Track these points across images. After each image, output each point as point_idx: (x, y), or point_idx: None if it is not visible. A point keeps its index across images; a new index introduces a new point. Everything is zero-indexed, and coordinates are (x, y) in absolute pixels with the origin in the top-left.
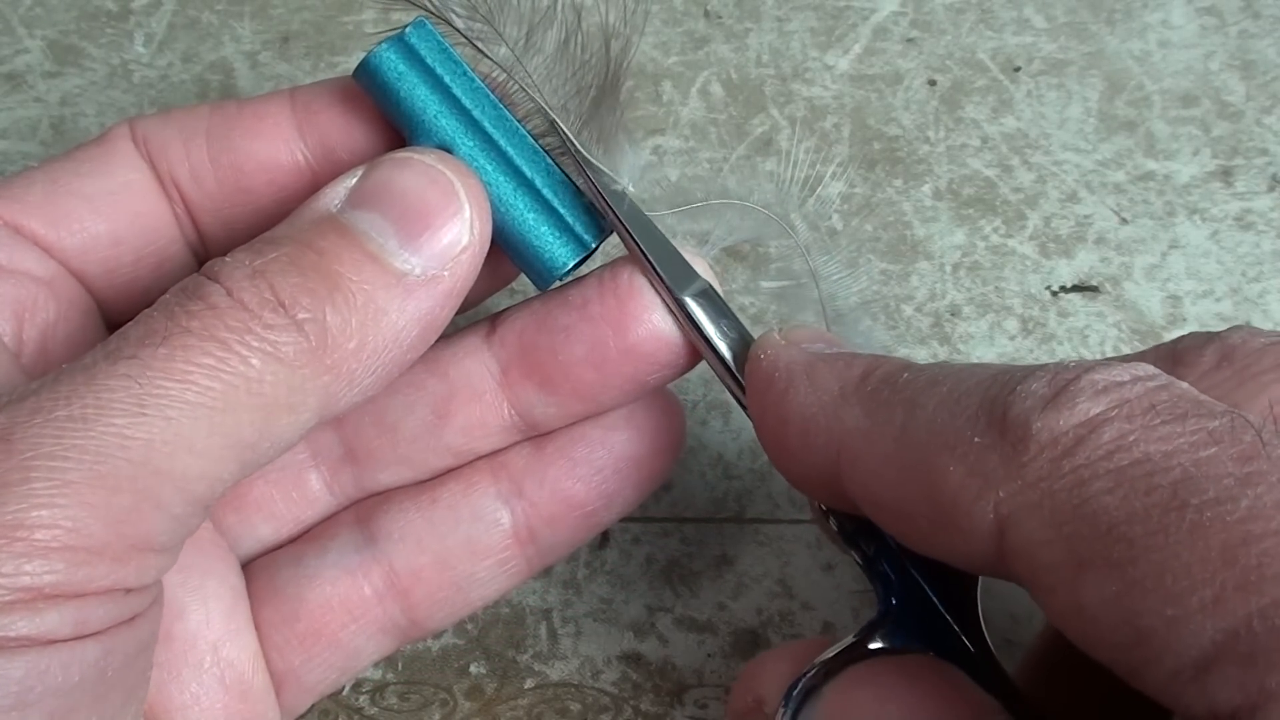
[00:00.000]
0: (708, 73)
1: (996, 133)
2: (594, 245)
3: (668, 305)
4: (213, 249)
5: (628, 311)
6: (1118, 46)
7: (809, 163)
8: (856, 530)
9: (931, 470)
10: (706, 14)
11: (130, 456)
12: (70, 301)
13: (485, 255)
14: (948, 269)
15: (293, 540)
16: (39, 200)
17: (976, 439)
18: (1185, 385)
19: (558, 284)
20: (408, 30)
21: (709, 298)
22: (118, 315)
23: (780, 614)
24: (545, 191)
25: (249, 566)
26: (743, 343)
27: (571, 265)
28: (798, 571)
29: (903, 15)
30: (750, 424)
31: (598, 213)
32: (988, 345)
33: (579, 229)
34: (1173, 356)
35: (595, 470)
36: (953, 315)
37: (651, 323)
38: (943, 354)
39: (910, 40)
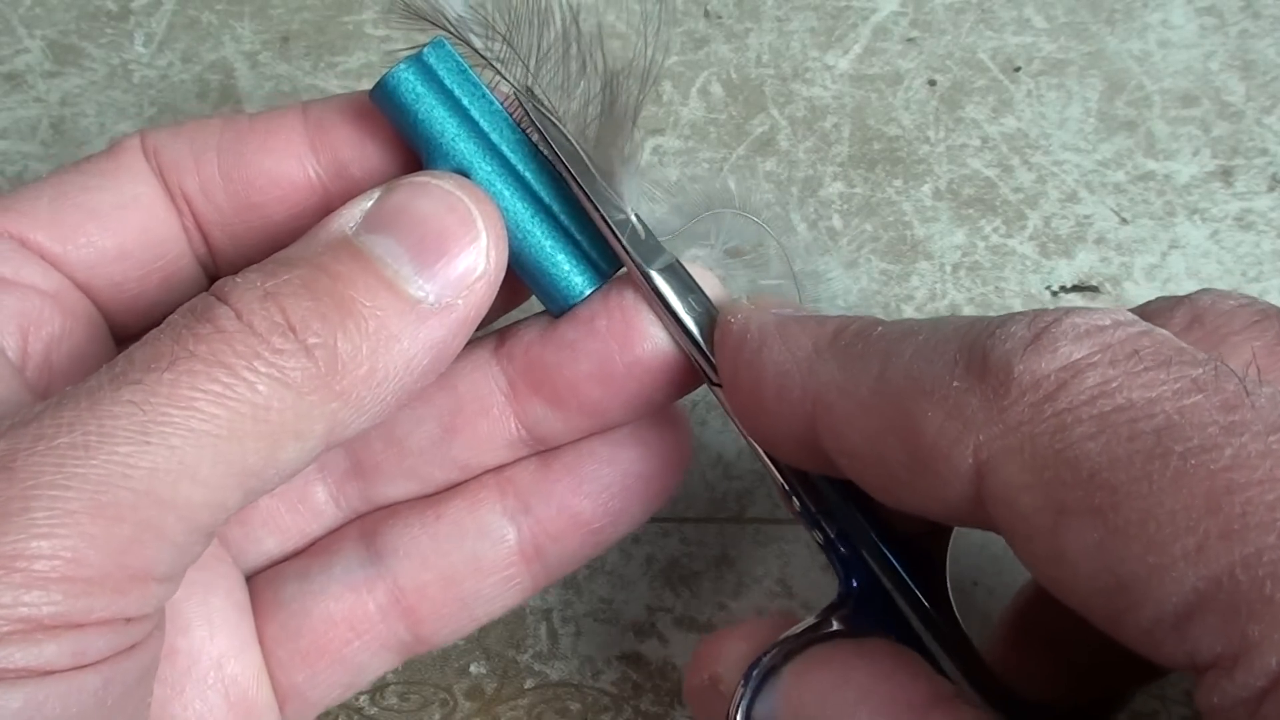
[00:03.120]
0: (708, 73)
1: (996, 133)
2: (611, 273)
3: (634, 280)
4: (222, 264)
5: (633, 328)
6: (1118, 46)
7: (809, 163)
8: (821, 509)
9: (909, 416)
10: (706, 14)
11: (133, 485)
12: (76, 315)
13: (500, 283)
14: (948, 269)
15: (298, 553)
16: (46, 213)
17: (955, 383)
18: (1166, 332)
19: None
20: (425, 50)
21: (674, 272)
22: (124, 329)
23: (780, 614)
24: (563, 218)
25: (253, 579)
26: (709, 316)
27: (588, 294)
28: (798, 571)
29: (903, 15)
30: (719, 400)
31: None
32: None
33: (596, 256)
34: (1142, 318)
35: (603, 487)
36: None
37: (657, 339)
38: None
39: (910, 40)
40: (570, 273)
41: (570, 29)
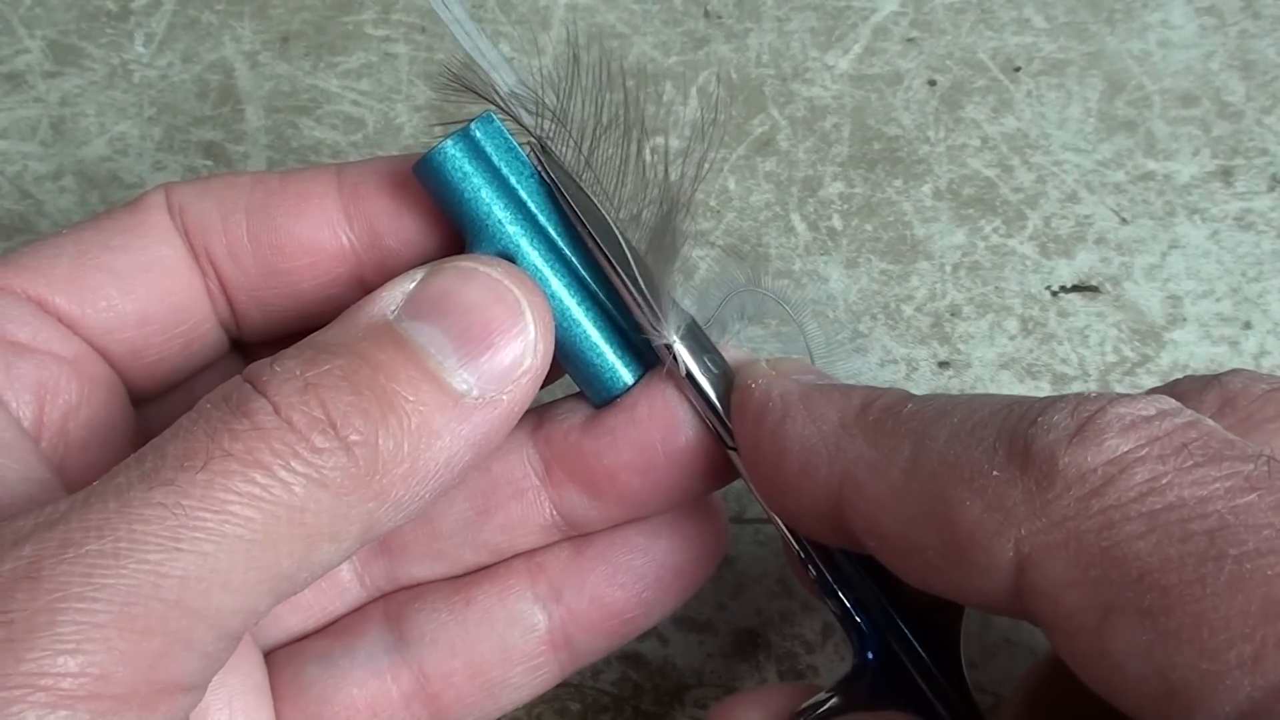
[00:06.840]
0: (708, 73)
1: (996, 133)
2: (656, 363)
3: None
4: (246, 330)
5: (676, 417)
6: (1118, 46)
7: (809, 163)
8: (836, 580)
9: (945, 503)
10: (706, 14)
11: (163, 596)
12: (94, 381)
13: (545, 375)
14: (948, 269)
15: (319, 630)
16: (65, 274)
17: (995, 472)
18: (1211, 422)
19: None
20: (473, 125)
21: (691, 334)
22: (143, 394)
23: (780, 614)
24: (610, 305)
25: (273, 656)
26: (726, 378)
27: (632, 385)
28: None
29: (903, 15)
30: (735, 466)
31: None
32: (988, 345)
33: (643, 346)
34: (1170, 396)
35: (637, 578)
36: (953, 315)
37: (699, 428)
38: (943, 354)
39: (910, 40)
40: (616, 363)
41: (631, 111)
